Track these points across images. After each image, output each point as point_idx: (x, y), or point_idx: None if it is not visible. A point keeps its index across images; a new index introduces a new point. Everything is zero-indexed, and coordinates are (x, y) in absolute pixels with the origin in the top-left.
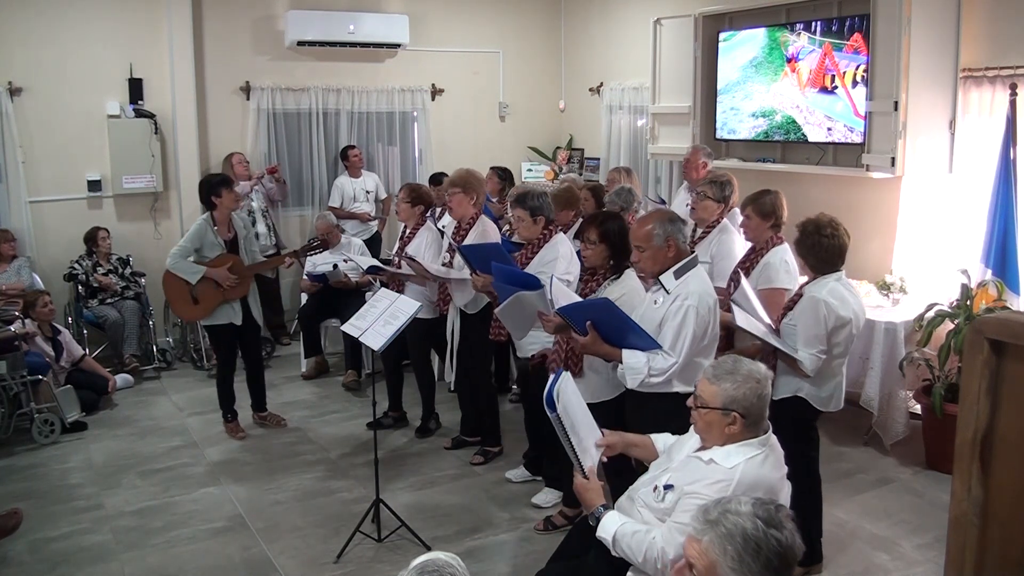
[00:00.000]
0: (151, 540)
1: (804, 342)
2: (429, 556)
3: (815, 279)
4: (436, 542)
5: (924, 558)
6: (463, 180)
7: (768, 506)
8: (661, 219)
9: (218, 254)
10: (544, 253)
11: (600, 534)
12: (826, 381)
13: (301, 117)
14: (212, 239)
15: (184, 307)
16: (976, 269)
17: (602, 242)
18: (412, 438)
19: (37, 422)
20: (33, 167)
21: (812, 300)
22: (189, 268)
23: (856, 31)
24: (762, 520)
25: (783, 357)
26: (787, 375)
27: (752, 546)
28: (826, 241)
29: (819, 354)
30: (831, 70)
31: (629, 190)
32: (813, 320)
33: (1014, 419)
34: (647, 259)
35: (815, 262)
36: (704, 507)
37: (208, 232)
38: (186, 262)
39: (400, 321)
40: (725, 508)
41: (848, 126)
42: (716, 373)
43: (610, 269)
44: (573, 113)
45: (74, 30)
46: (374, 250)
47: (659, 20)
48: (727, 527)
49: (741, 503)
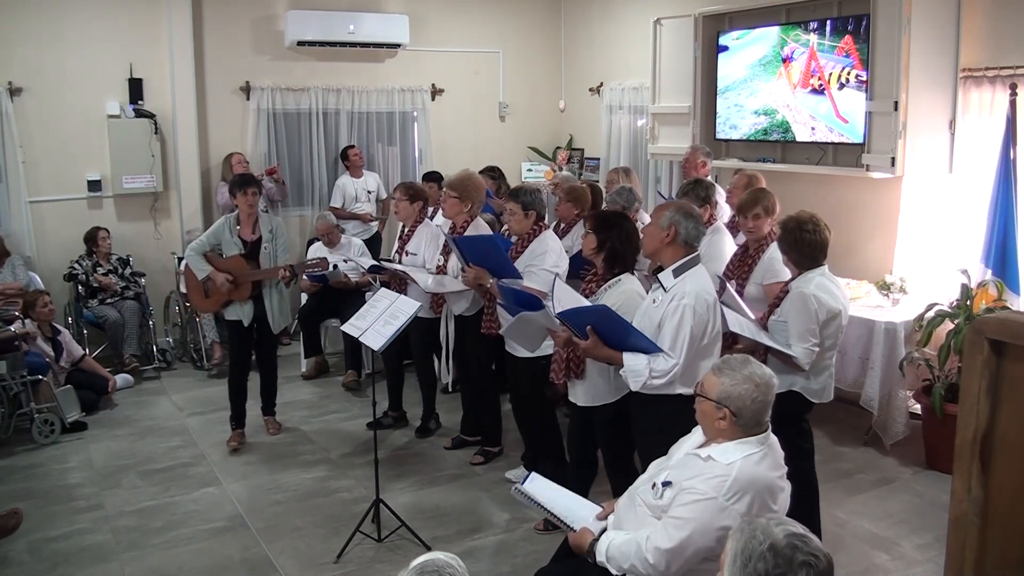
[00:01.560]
0: (151, 540)
1: (797, 337)
2: (429, 556)
3: (799, 275)
4: (436, 542)
5: (924, 558)
6: (461, 186)
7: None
8: (679, 208)
9: (233, 253)
10: (535, 246)
11: (600, 561)
12: (819, 374)
13: (301, 117)
14: (229, 238)
15: (198, 298)
16: (976, 269)
17: (593, 234)
18: (412, 438)
19: (37, 422)
20: (33, 167)
21: (801, 295)
22: (198, 264)
23: (848, 33)
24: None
25: (776, 354)
26: (781, 371)
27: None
28: (808, 236)
29: (813, 347)
30: (816, 71)
31: (630, 190)
32: (805, 315)
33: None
34: (647, 236)
35: (798, 257)
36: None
37: (226, 231)
38: (198, 258)
39: (400, 321)
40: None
41: (829, 126)
42: (721, 367)
43: (605, 269)
44: (573, 113)
45: (74, 30)
46: (374, 250)
47: (659, 20)
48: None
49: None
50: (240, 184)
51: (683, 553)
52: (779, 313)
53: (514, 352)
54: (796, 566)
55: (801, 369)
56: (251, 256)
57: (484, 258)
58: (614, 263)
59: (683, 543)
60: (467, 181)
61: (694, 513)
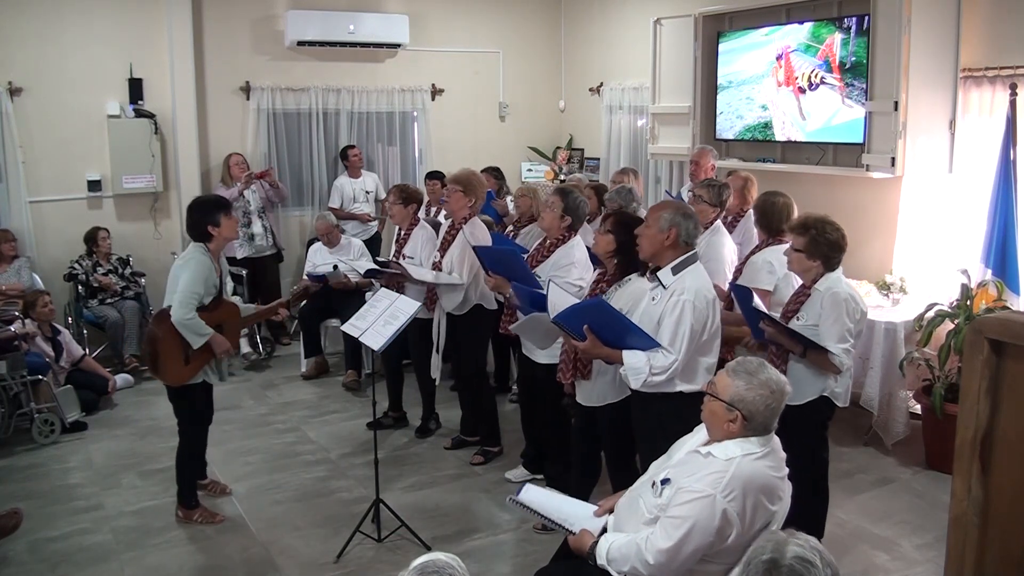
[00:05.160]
0: (151, 540)
1: (837, 338)
2: (429, 557)
3: (823, 275)
4: (436, 542)
5: (924, 558)
6: (466, 180)
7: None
8: (676, 209)
9: (212, 299)
10: (560, 256)
11: (600, 563)
12: (845, 375)
13: (301, 117)
14: (213, 280)
15: (175, 367)
16: (976, 269)
17: (612, 233)
18: (412, 438)
19: (37, 422)
20: (33, 167)
21: (835, 296)
22: (200, 327)
23: (837, 31)
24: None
25: (813, 356)
26: (813, 376)
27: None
28: (834, 236)
29: (851, 348)
30: (789, 71)
31: (629, 189)
32: (845, 315)
33: (1014, 419)
34: (645, 239)
35: (826, 258)
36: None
37: (212, 272)
38: (198, 320)
39: (400, 321)
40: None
41: (792, 124)
42: (736, 368)
43: (617, 271)
44: (573, 113)
45: (74, 30)
46: (374, 251)
47: (659, 20)
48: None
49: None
50: (225, 205)
51: (683, 551)
52: (804, 317)
53: (532, 357)
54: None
55: (837, 371)
56: (221, 299)
57: (507, 269)
58: (627, 264)
59: (682, 541)
60: (472, 177)
61: (692, 511)
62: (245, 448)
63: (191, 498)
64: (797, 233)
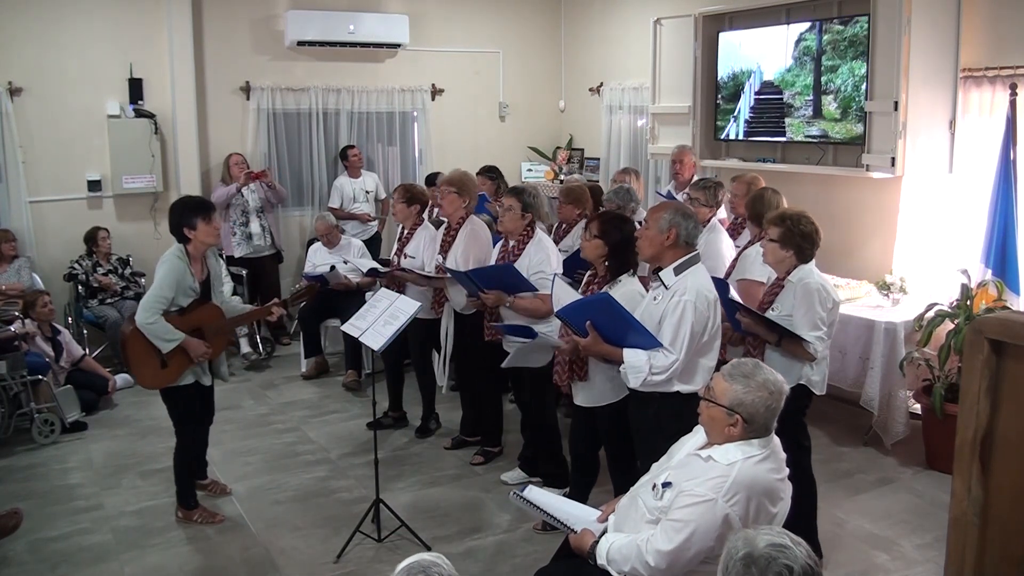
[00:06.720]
0: (151, 540)
1: (811, 326)
2: (415, 558)
3: (796, 267)
4: (436, 542)
5: (924, 558)
6: (459, 181)
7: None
8: (676, 209)
9: (191, 301)
10: (532, 253)
11: (600, 563)
12: (820, 364)
13: (301, 117)
14: (189, 283)
15: (150, 372)
16: (976, 269)
17: (600, 238)
18: (412, 438)
19: (37, 422)
20: (33, 167)
21: (806, 286)
22: (166, 332)
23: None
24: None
25: (788, 345)
26: (789, 364)
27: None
28: (808, 228)
29: (825, 335)
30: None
31: (628, 189)
32: (816, 304)
33: (1014, 419)
34: (645, 240)
35: (800, 250)
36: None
37: (186, 274)
38: (164, 323)
39: (400, 321)
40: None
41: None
42: (732, 372)
43: (608, 272)
44: (573, 113)
45: (74, 30)
46: (374, 251)
47: (659, 20)
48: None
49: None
50: (204, 209)
51: (683, 555)
52: (779, 307)
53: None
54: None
55: (811, 358)
56: (204, 301)
57: (500, 283)
58: (617, 265)
59: (683, 545)
60: (464, 177)
61: (693, 515)
62: (245, 448)
63: (190, 498)
64: (773, 224)
